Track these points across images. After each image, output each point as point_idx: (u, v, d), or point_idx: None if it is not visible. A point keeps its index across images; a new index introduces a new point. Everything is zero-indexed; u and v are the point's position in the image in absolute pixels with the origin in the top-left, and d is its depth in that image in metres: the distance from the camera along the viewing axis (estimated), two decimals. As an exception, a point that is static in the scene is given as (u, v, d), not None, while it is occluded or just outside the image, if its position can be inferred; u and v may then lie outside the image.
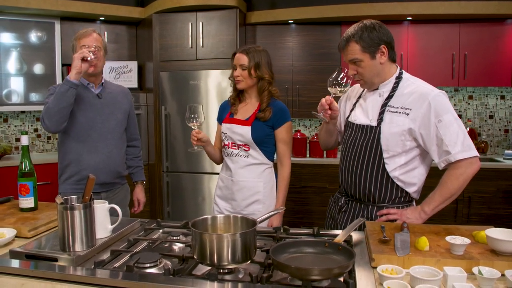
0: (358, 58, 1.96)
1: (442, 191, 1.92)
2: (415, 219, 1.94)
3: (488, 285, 1.29)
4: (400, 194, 2.02)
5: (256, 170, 2.46)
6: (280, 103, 2.50)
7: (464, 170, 1.88)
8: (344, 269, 1.32)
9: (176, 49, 4.57)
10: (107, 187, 2.62)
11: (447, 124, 1.87)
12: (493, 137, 4.82)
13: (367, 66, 1.97)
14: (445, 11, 4.18)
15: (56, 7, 4.30)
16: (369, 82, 2.04)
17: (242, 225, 1.59)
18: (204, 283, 1.34)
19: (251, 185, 2.44)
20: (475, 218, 4.20)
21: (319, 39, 4.69)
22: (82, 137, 2.53)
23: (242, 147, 2.45)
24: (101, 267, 1.48)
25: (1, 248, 1.67)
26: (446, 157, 1.88)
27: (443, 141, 1.87)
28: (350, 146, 2.10)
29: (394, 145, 1.96)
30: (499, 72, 4.38)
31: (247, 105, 2.52)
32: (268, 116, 2.43)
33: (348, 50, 1.98)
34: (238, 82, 2.46)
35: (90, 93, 2.57)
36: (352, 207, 2.12)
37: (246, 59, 2.43)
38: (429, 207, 1.93)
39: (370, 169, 2.02)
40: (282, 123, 2.46)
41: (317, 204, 4.49)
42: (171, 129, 4.64)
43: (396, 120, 1.95)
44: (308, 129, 5.18)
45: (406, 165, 1.99)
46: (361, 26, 1.96)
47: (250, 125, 2.43)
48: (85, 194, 1.63)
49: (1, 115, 4.81)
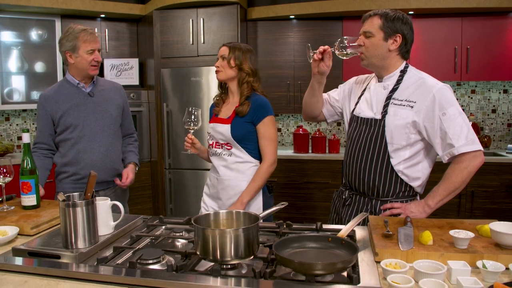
0: (372, 32, 1.98)
1: (446, 185, 1.92)
2: (419, 213, 1.94)
3: (492, 279, 1.28)
4: (404, 188, 2.02)
5: (239, 168, 2.41)
6: (260, 97, 2.41)
7: (468, 163, 1.88)
8: (347, 263, 1.31)
9: (177, 46, 4.57)
10: (105, 185, 2.60)
11: (451, 117, 1.88)
12: (496, 131, 4.80)
13: (375, 43, 1.98)
14: (447, 5, 4.16)
15: (56, 5, 4.29)
16: (368, 59, 2.03)
17: (244, 221, 1.59)
18: (207, 279, 1.33)
19: (235, 184, 2.41)
20: (478, 212, 4.19)
21: (320, 34, 4.68)
22: (77, 137, 2.52)
23: (224, 146, 2.42)
24: (104, 264, 1.48)
25: (4, 246, 1.67)
26: (449, 150, 1.89)
27: (447, 134, 1.87)
28: (355, 140, 2.10)
29: (398, 138, 1.96)
30: (501, 66, 4.36)
31: (229, 103, 2.49)
32: (246, 110, 2.35)
33: (368, 22, 2.00)
34: (218, 73, 2.43)
35: (81, 92, 2.56)
36: (356, 201, 2.12)
37: (227, 50, 2.41)
38: (433, 201, 1.93)
39: (374, 163, 2.02)
40: (262, 118, 2.38)
41: (320, 199, 4.48)
42: (173, 126, 4.64)
43: (400, 113, 1.96)
44: (310, 124, 5.17)
45: (411, 159, 1.99)
46: (393, 11, 2.00)
47: (230, 122, 2.39)
48: (87, 191, 1.62)
49: (3, 114, 4.81)
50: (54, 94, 2.53)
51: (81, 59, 2.47)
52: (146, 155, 4.89)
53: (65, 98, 2.52)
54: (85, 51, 2.46)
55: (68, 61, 2.52)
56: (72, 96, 2.53)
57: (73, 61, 2.50)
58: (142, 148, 4.76)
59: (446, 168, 1.95)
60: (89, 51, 2.47)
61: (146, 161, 4.90)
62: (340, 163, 4.42)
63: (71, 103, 2.52)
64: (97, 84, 2.63)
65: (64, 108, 2.50)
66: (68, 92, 2.54)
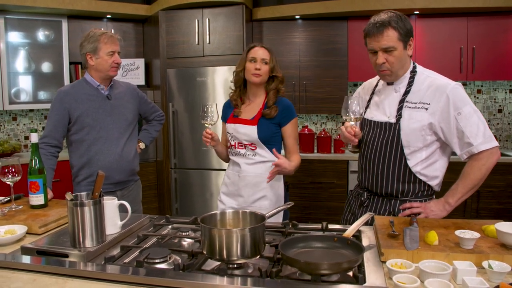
0: (394, 46, 1.90)
1: (465, 182, 1.92)
2: (439, 211, 1.94)
3: (498, 279, 1.29)
4: (423, 188, 2.02)
5: (263, 167, 2.45)
6: (285, 100, 2.48)
7: (486, 160, 1.89)
8: (353, 263, 1.32)
9: (182, 46, 4.58)
10: (121, 185, 2.65)
11: (467, 116, 1.88)
12: (502, 131, 4.78)
13: (399, 55, 1.93)
14: (453, 5, 4.14)
15: (63, 5, 4.32)
16: (395, 73, 1.99)
17: (251, 220, 1.60)
18: (213, 278, 1.34)
19: (258, 181, 2.43)
20: (484, 212, 4.17)
21: (326, 34, 4.68)
22: (93, 139, 2.55)
23: (248, 147, 2.44)
24: (111, 263, 1.49)
25: (13, 245, 1.69)
26: (468, 149, 1.89)
27: (464, 133, 1.88)
28: (370, 144, 2.08)
29: (415, 141, 1.95)
30: (508, 65, 4.34)
31: (251, 104, 2.49)
32: (274, 113, 2.41)
33: (384, 36, 1.89)
34: (257, 76, 2.40)
35: (100, 94, 2.59)
36: (374, 202, 2.10)
37: (269, 55, 2.42)
38: (453, 198, 1.93)
39: (392, 166, 2.01)
40: (289, 120, 2.45)
41: (326, 199, 4.49)
42: (179, 126, 4.65)
43: (415, 116, 1.95)
44: (316, 124, 5.17)
45: (428, 159, 1.99)
46: (395, 15, 1.92)
47: (256, 124, 2.41)
48: (94, 191, 1.64)
49: (10, 114, 4.84)
50: (74, 91, 2.57)
51: (102, 60, 2.52)
52: (152, 155, 4.91)
53: (84, 97, 2.55)
54: (106, 52, 2.52)
55: (88, 63, 2.57)
56: (91, 97, 2.57)
57: (93, 63, 2.54)
58: (147, 148, 4.77)
59: (458, 167, 1.96)
60: (109, 52, 2.52)
61: (152, 161, 4.92)
62: (345, 163, 4.42)
63: (90, 104, 2.55)
64: (114, 87, 2.67)
65: (82, 108, 2.53)
66: (87, 92, 2.57)
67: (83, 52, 2.56)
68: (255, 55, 2.41)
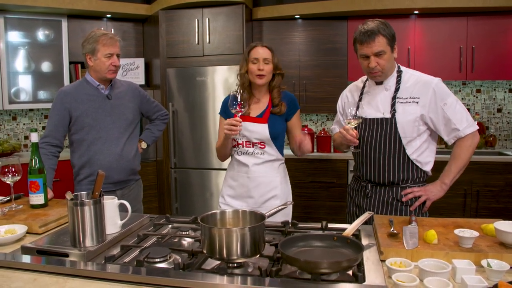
0: (384, 50, 2.13)
1: (457, 163, 2.18)
2: (437, 191, 2.20)
3: (497, 278, 1.29)
4: (420, 174, 2.24)
5: (272, 166, 2.45)
6: (288, 93, 2.54)
7: (471, 141, 2.16)
8: (353, 262, 1.32)
9: (182, 46, 4.58)
10: (121, 184, 2.65)
11: (451, 105, 2.14)
12: (502, 131, 4.78)
13: (388, 58, 2.16)
14: (453, 4, 4.14)
15: (63, 5, 4.32)
16: (385, 73, 2.21)
17: (251, 220, 1.60)
18: (213, 277, 1.35)
19: (269, 181, 2.43)
20: (484, 212, 4.18)
21: (325, 34, 4.67)
22: (93, 139, 2.56)
23: (257, 145, 2.43)
24: (111, 262, 1.50)
25: (13, 244, 1.69)
26: (455, 134, 2.15)
27: (450, 120, 2.13)
28: (368, 140, 2.25)
29: (410, 131, 2.18)
30: (507, 65, 4.34)
31: (258, 103, 2.49)
32: (284, 110, 2.45)
33: (375, 43, 2.13)
34: (261, 77, 2.40)
35: (100, 94, 2.60)
36: (377, 192, 2.27)
37: (270, 54, 2.43)
38: (448, 178, 2.19)
39: (392, 156, 2.21)
40: (295, 112, 2.51)
41: (325, 198, 4.49)
42: (179, 126, 4.66)
43: (408, 110, 2.17)
44: (315, 124, 5.18)
45: (421, 147, 2.21)
46: (380, 23, 2.15)
47: (267, 121, 2.41)
48: (94, 190, 1.64)
49: (10, 113, 4.85)
50: (74, 91, 2.57)
51: (99, 62, 2.52)
52: (152, 154, 4.91)
53: (84, 97, 2.56)
54: (104, 54, 2.51)
55: (88, 64, 2.57)
56: (91, 97, 2.57)
57: (92, 64, 2.55)
58: (148, 147, 4.77)
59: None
60: (107, 54, 2.51)
61: (152, 160, 4.92)
62: (345, 162, 4.42)
63: (90, 104, 2.56)
64: (114, 87, 2.67)
65: (82, 108, 2.54)
66: (87, 92, 2.57)
67: (83, 52, 2.57)
68: (257, 55, 2.41)
